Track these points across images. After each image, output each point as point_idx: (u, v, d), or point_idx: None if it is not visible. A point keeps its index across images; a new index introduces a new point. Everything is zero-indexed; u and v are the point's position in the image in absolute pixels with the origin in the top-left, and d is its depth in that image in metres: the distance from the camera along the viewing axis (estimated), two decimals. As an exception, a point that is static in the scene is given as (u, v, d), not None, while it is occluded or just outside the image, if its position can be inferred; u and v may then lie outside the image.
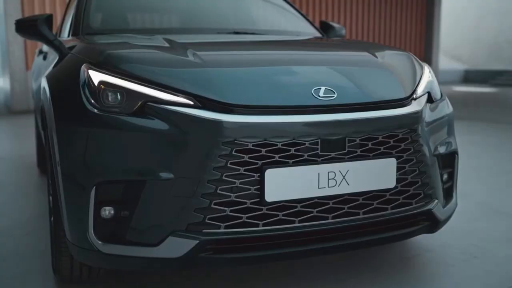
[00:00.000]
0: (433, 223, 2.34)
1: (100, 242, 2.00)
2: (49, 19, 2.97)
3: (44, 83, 2.52)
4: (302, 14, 3.61)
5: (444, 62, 22.91)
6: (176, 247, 1.95)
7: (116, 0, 3.36)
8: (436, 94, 2.52)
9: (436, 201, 2.33)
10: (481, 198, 3.92)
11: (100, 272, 2.40)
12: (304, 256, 2.10)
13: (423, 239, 3.00)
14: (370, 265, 2.64)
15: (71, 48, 2.55)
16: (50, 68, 2.66)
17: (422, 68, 2.56)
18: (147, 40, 2.57)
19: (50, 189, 2.52)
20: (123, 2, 3.38)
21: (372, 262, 2.68)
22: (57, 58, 2.67)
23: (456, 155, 2.55)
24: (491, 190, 4.16)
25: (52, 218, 2.45)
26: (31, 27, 2.92)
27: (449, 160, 2.51)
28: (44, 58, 3.62)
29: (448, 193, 2.54)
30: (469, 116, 9.30)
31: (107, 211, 2.00)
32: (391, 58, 2.53)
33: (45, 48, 3.96)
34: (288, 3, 3.73)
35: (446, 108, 2.55)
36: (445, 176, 2.49)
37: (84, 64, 2.16)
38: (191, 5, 3.48)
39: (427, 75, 2.53)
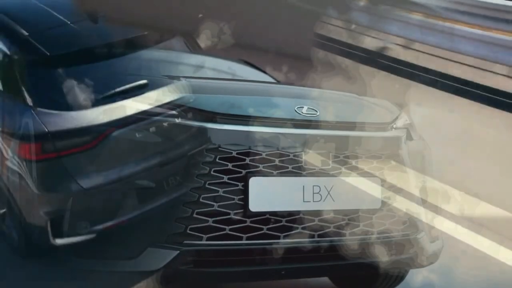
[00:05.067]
0: (420, 254, 2.27)
1: (75, 258, 1.90)
2: None
3: None
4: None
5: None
6: (155, 258, 1.85)
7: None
8: (415, 134, 2.57)
9: (423, 232, 2.28)
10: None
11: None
12: (289, 276, 2.01)
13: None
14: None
15: None
16: None
17: (400, 109, 2.64)
18: None
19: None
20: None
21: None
22: None
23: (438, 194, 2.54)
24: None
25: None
26: None
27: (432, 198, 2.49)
28: None
29: (434, 232, 2.49)
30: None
31: (83, 225, 1.92)
32: (371, 98, 2.61)
33: None
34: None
35: (426, 147, 2.58)
36: (429, 215, 2.46)
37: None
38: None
39: (405, 117, 2.59)
